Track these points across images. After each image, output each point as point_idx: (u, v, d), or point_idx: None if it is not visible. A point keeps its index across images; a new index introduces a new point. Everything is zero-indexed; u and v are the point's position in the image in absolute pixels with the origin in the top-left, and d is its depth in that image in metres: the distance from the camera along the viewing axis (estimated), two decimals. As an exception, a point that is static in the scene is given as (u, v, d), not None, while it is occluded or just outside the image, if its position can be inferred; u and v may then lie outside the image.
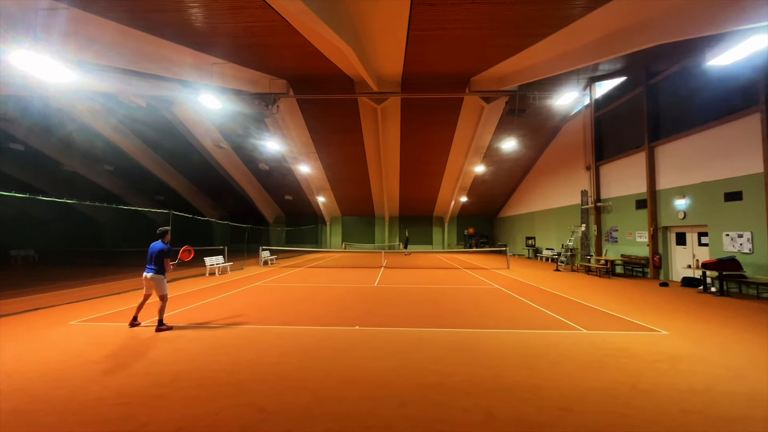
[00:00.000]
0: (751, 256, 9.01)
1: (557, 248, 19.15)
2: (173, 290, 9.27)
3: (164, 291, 5.58)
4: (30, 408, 3.04)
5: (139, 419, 2.87)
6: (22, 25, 8.09)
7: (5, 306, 7.11)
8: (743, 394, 3.37)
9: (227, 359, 4.21)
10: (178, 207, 19.52)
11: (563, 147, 19.10)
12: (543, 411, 3.03)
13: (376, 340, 5.03)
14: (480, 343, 4.91)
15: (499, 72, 13.14)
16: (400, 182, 24.92)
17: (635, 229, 13.39)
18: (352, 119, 17.19)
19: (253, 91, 13.83)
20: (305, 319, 6.25)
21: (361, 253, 27.08)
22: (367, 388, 3.46)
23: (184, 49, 10.80)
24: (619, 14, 8.93)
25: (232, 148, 20.99)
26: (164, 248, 5.58)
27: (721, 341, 5.05)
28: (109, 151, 20.63)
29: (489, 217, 31.81)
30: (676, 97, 11.78)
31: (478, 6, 8.85)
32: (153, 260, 5.55)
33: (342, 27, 9.09)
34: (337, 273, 13.83)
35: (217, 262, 13.34)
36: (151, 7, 8.69)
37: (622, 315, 6.64)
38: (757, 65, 8.84)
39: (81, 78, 10.81)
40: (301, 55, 11.75)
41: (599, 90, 15.67)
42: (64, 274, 13.00)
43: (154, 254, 5.56)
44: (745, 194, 9.28)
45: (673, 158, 11.72)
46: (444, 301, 7.94)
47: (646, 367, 4.01)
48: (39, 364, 4.04)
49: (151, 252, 5.58)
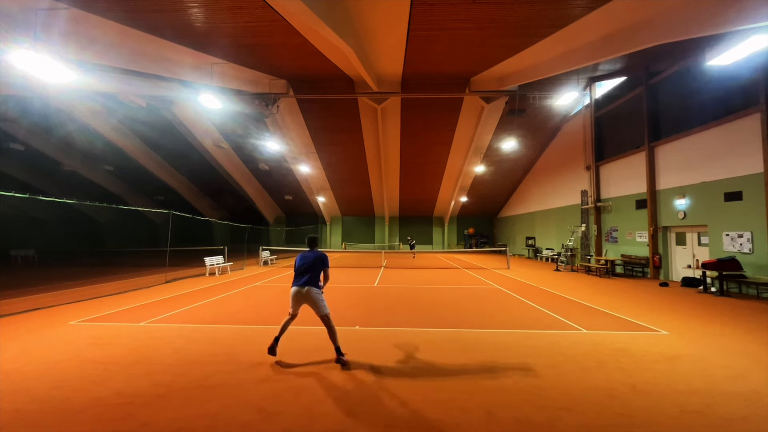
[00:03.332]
0: (751, 256, 9.01)
1: (557, 248, 19.14)
2: (172, 290, 9.28)
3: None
4: (30, 408, 3.04)
5: (139, 419, 2.87)
6: (22, 25, 8.09)
7: (5, 306, 7.11)
8: (743, 394, 3.37)
9: (227, 359, 4.21)
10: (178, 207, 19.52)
11: (563, 147, 19.10)
12: (543, 411, 3.03)
13: (376, 340, 5.03)
14: (480, 343, 4.90)
15: (499, 72, 13.13)
16: (400, 182, 24.91)
17: (635, 229, 13.39)
18: (352, 119, 17.19)
19: (253, 91, 13.83)
20: (305, 319, 6.23)
21: (361, 253, 27.07)
22: (367, 388, 3.47)
23: (184, 49, 10.80)
24: (619, 14, 8.93)
25: (232, 148, 21.00)
26: (324, 257, 4.47)
27: (721, 341, 5.05)
28: (109, 151, 20.65)
29: (489, 217, 31.80)
30: (676, 97, 11.78)
31: (478, 6, 8.85)
32: (309, 270, 4.32)
33: (342, 27, 9.09)
34: (337, 273, 13.82)
35: (217, 262, 13.34)
36: (151, 7, 8.69)
37: (622, 315, 6.64)
38: (757, 65, 8.84)
39: (81, 78, 10.81)
40: (301, 55, 11.75)
41: (599, 90, 15.66)
42: (64, 274, 13.00)
43: (307, 264, 4.36)
44: (745, 194, 9.28)
45: (673, 158, 11.72)
46: (444, 301, 7.94)
47: (646, 367, 4.01)
48: (39, 364, 4.04)
49: (306, 262, 4.38)
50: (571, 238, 16.77)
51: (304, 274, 4.29)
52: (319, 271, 4.37)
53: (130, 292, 8.85)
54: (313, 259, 4.37)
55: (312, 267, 4.32)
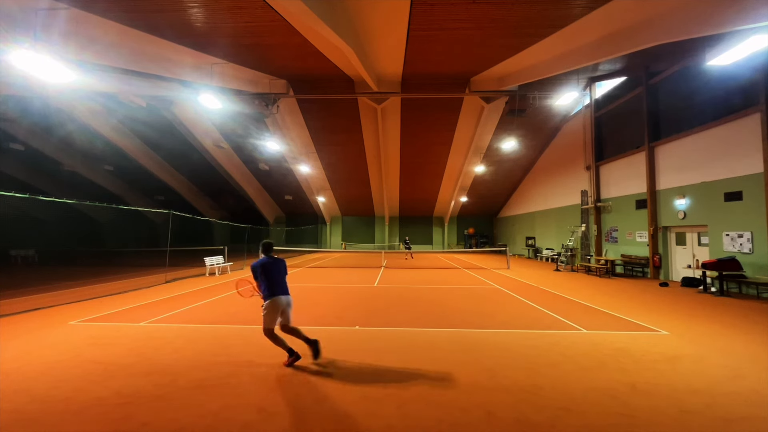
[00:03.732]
0: (751, 256, 9.01)
1: (557, 248, 19.14)
2: (172, 290, 9.29)
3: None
4: (30, 408, 3.04)
5: (139, 419, 2.87)
6: (22, 25, 8.09)
7: (5, 306, 7.11)
8: (743, 394, 3.37)
9: (227, 359, 4.21)
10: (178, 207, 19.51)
11: (563, 147, 19.10)
12: (543, 411, 3.03)
13: (376, 340, 5.03)
14: (480, 343, 4.91)
15: (499, 72, 13.13)
16: (400, 182, 24.91)
17: (635, 229, 13.39)
18: (352, 119, 17.19)
19: (253, 91, 13.83)
20: (305, 319, 6.24)
21: (361, 253, 27.07)
22: (367, 388, 3.47)
23: (184, 49, 10.80)
24: (619, 14, 8.93)
25: (232, 148, 21.00)
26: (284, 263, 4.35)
27: (721, 341, 5.05)
28: (109, 151, 20.64)
29: (489, 217, 31.79)
30: (676, 97, 11.78)
31: (478, 6, 8.85)
32: (282, 278, 4.24)
33: (342, 27, 9.08)
34: (337, 273, 13.82)
35: (217, 262, 13.34)
36: (151, 7, 8.69)
37: (622, 315, 6.64)
38: (757, 65, 8.83)
39: (81, 78, 10.81)
40: (301, 55, 11.75)
41: (599, 90, 15.66)
42: (64, 274, 13.00)
43: (281, 271, 4.25)
44: (745, 194, 9.28)
45: (673, 158, 11.72)
46: (444, 301, 7.94)
47: (646, 367, 4.01)
48: (39, 364, 4.04)
49: (278, 269, 4.22)
50: (571, 238, 16.77)
51: (282, 282, 4.16)
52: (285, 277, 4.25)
53: (130, 292, 8.84)
54: (284, 266, 4.28)
55: (285, 273, 4.26)
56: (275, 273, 4.13)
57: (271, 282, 4.06)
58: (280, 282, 4.13)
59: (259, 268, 4.10)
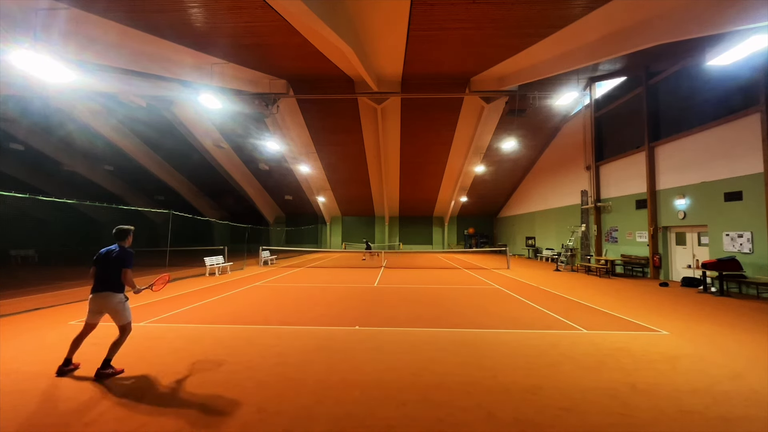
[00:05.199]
0: (751, 256, 9.01)
1: (557, 248, 19.14)
2: (173, 290, 9.28)
3: (127, 319, 3.92)
4: (30, 408, 3.04)
5: (139, 419, 2.87)
6: (22, 25, 8.09)
7: (5, 306, 7.11)
8: (743, 394, 3.37)
9: (227, 359, 4.21)
10: (178, 207, 19.55)
11: (563, 147, 19.10)
12: (543, 411, 3.03)
13: (376, 340, 5.03)
14: (480, 343, 4.90)
15: (499, 72, 13.14)
16: (400, 182, 24.92)
17: (635, 229, 13.39)
18: (352, 119, 17.19)
19: (253, 91, 13.83)
20: (305, 319, 6.25)
21: (362, 253, 27.05)
22: (367, 388, 3.46)
23: (184, 49, 10.80)
24: (619, 14, 8.93)
25: (232, 148, 21.01)
26: (126, 255, 3.88)
27: (721, 341, 5.05)
28: (109, 151, 20.65)
29: (489, 217, 31.80)
30: (676, 97, 11.78)
31: (478, 6, 8.85)
32: (108, 272, 3.80)
33: (342, 27, 9.09)
34: (337, 273, 13.82)
35: (217, 262, 13.33)
36: (151, 7, 8.69)
37: (622, 315, 6.64)
38: (757, 65, 8.84)
39: (81, 78, 10.82)
40: (301, 55, 11.75)
41: (599, 90, 15.67)
42: (64, 274, 12.99)
43: (109, 263, 3.81)
44: (745, 194, 9.28)
45: (673, 158, 11.72)
46: (444, 301, 7.94)
47: (646, 367, 4.01)
48: (39, 364, 4.04)
49: (106, 260, 3.82)
50: (571, 238, 16.77)
51: (102, 276, 3.82)
52: (120, 271, 3.81)
53: (130, 292, 8.83)
54: (120, 260, 3.82)
55: (112, 266, 3.81)
56: (103, 266, 3.81)
57: (97, 276, 3.84)
58: (104, 278, 3.80)
59: (96, 256, 3.86)
